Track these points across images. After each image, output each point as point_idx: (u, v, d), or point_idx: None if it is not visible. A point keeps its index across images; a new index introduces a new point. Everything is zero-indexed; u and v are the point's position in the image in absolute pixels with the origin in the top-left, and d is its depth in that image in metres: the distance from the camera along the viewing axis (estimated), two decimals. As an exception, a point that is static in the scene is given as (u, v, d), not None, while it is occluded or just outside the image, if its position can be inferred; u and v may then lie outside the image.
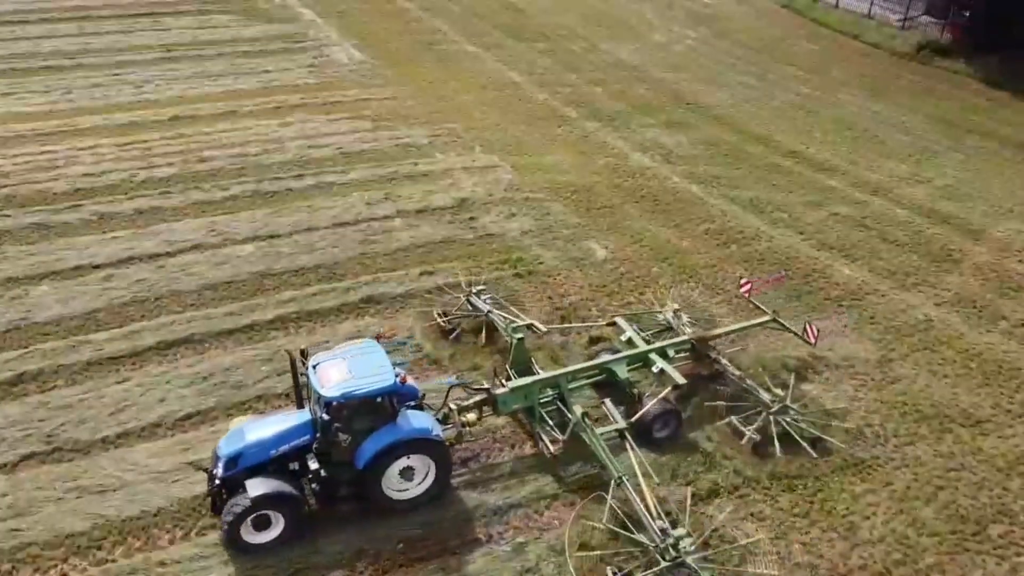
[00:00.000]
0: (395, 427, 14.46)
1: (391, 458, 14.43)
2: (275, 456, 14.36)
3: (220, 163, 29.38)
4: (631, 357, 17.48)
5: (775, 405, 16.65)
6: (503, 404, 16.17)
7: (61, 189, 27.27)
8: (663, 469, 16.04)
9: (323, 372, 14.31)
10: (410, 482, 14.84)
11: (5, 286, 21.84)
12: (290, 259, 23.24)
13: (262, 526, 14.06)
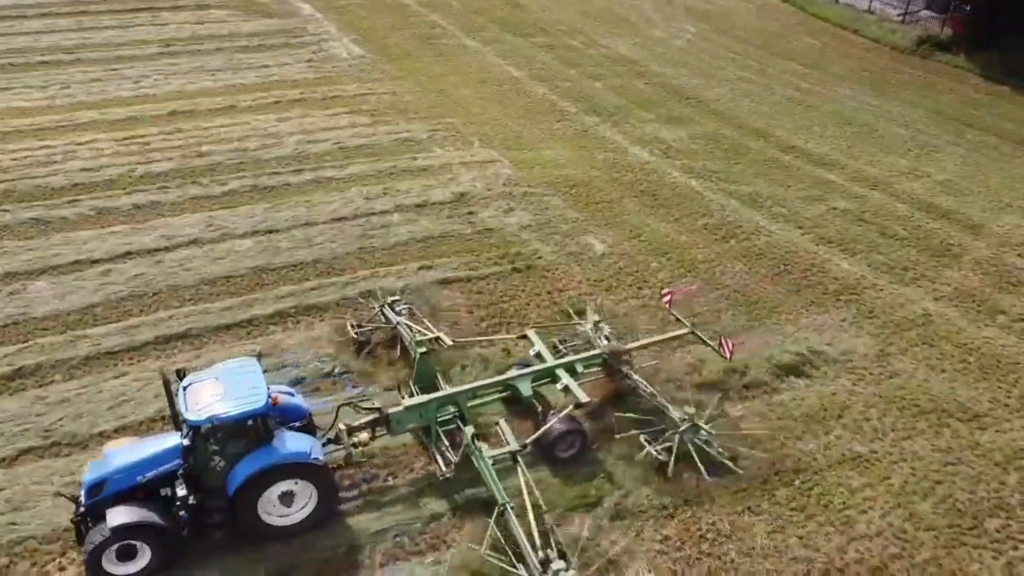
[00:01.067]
0: (269, 450, 13.65)
1: (265, 483, 13.66)
2: (143, 482, 13.52)
3: (218, 158, 29.34)
4: (537, 373, 16.50)
5: (684, 424, 15.82)
6: (397, 423, 15.33)
7: (59, 184, 27.24)
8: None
9: (193, 393, 13.60)
10: (290, 507, 14.05)
11: (3, 281, 21.83)
12: (288, 254, 23.23)
13: (127, 556, 13.19)
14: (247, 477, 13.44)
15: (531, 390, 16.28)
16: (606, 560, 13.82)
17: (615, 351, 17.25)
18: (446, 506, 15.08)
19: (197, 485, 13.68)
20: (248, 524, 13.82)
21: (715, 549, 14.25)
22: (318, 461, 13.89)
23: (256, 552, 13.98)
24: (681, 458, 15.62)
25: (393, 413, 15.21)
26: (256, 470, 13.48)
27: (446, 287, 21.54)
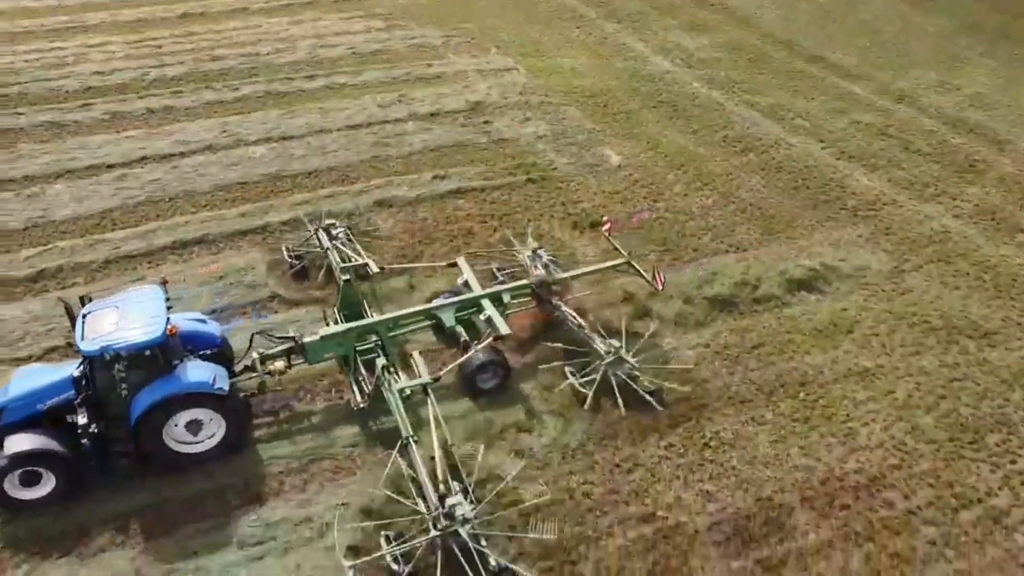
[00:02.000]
0: (170, 380, 13.42)
1: (167, 413, 13.47)
2: (46, 410, 13.38)
3: (231, 63, 28.94)
4: (460, 303, 16.05)
5: (609, 356, 15.44)
6: (313, 353, 14.99)
7: (72, 87, 27.07)
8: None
9: (92, 322, 13.44)
10: (197, 436, 13.89)
11: (22, 184, 22.00)
12: (303, 161, 23.14)
13: (31, 482, 13.09)
14: (148, 407, 13.28)
15: (454, 320, 15.81)
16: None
17: (543, 282, 16.58)
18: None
19: (101, 414, 13.47)
20: (155, 453, 13.68)
21: (718, 456, 14.62)
22: (221, 391, 13.61)
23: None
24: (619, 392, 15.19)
25: (308, 343, 14.85)
26: (156, 400, 13.30)
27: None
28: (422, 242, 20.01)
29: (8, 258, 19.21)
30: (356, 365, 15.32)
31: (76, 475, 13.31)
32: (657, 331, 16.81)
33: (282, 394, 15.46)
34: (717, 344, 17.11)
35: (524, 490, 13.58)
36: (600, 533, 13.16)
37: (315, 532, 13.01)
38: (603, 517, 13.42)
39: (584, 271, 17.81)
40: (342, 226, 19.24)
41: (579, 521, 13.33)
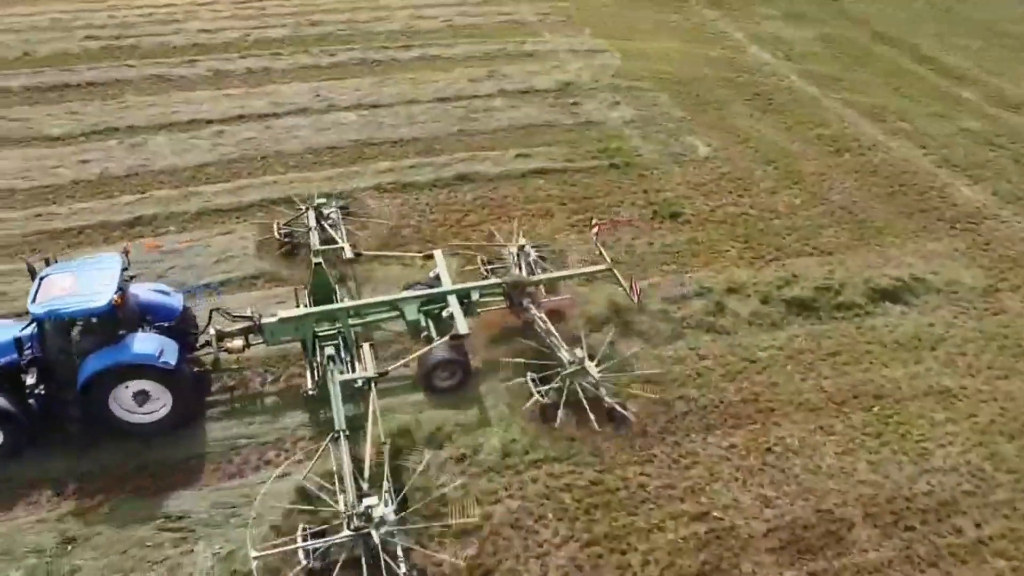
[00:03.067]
0: (117, 349, 13.37)
1: (112, 382, 13.39)
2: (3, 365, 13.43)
3: (329, 28, 29.54)
4: (426, 296, 15.50)
5: (572, 367, 14.58)
6: (271, 335, 14.67)
7: (180, 43, 28.14)
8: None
9: (47, 285, 13.51)
10: (144, 407, 13.82)
11: (127, 133, 23.07)
12: (391, 130, 23.50)
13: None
14: (92, 374, 13.26)
15: (416, 313, 15.23)
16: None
17: (515, 282, 15.84)
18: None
19: (50, 376, 13.55)
20: (101, 420, 13.67)
21: (781, 462, 14.29)
22: (166, 364, 13.46)
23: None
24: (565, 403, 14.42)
25: (266, 324, 14.58)
26: (100, 368, 13.25)
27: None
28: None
29: (109, 203, 20.20)
30: (314, 350, 14.90)
31: (23, 434, 13.43)
32: (615, 339, 15.73)
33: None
34: (791, 348, 16.67)
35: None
36: (652, 526, 13.06)
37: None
38: (657, 510, 13.30)
39: (561, 275, 17.03)
40: (335, 207, 18.90)
41: (632, 511, 13.27)
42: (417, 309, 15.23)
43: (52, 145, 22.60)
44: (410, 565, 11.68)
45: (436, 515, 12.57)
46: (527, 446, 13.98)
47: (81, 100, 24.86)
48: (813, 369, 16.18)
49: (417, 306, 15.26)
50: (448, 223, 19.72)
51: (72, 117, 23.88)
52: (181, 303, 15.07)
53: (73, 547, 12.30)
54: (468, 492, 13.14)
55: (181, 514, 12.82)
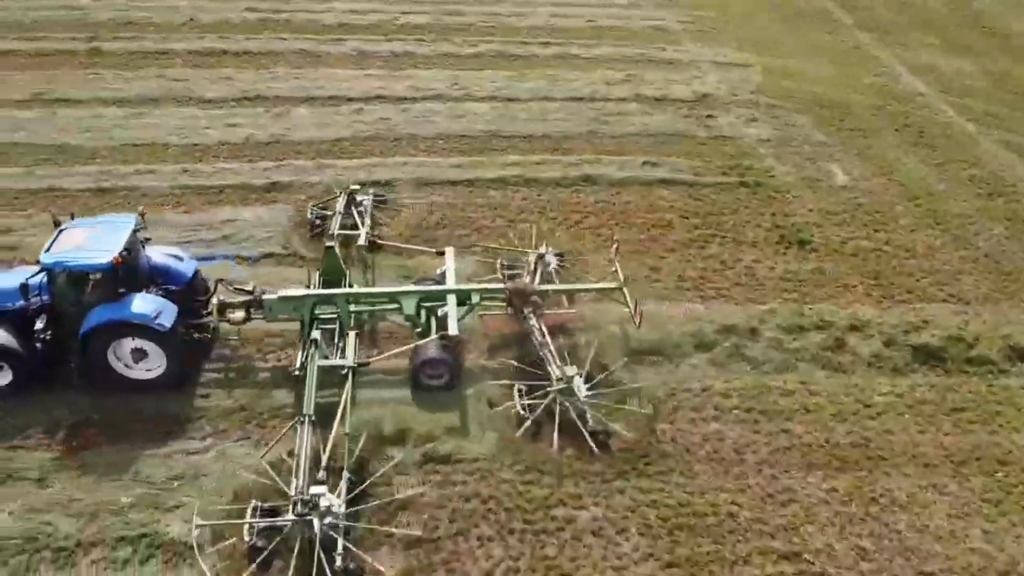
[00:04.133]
0: (117, 306, 14.01)
1: (110, 336, 14.04)
2: (14, 309, 14.18)
3: (472, 19, 30.04)
4: (426, 293, 15.52)
5: (560, 384, 14.13)
6: (270, 311, 15.06)
7: (330, 21, 29.33)
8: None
9: (63, 237, 14.34)
10: (140, 364, 14.41)
11: (273, 103, 24.25)
12: (522, 124, 23.66)
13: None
14: (91, 327, 13.93)
15: (414, 308, 15.17)
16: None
17: (519, 290, 15.54)
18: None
19: (58, 324, 14.35)
20: (100, 371, 14.29)
21: (884, 515, 13.53)
22: (161, 326, 13.94)
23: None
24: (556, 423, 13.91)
25: (266, 300, 14.98)
26: (99, 322, 13.92)
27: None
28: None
29: (250, 166, 21.28)
30: (310, 331, 15.03)
31: (30, 374, 14.26)
32: (620, 367, 14.97)
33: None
34: (912, 397, 15.70)
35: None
36: (737, 557, 12.63)
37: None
38: (744, 543, 12.84)
39: (566, 288, 16.51)
40: (368, 195, 19.17)
41: (718, 539, 12.87)
42: (416, 304, 15.20)
43: (205, 107, 24.03)
44: (346, 562, 11.50)
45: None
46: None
47: (236, 67, 26.31)
48: (933, 423, 15.21)
49: (416, 301, 15.23)
50: (568, 223, 19.68)
51: (226, 83, 25.30)
52: (192, 269, 15.60)
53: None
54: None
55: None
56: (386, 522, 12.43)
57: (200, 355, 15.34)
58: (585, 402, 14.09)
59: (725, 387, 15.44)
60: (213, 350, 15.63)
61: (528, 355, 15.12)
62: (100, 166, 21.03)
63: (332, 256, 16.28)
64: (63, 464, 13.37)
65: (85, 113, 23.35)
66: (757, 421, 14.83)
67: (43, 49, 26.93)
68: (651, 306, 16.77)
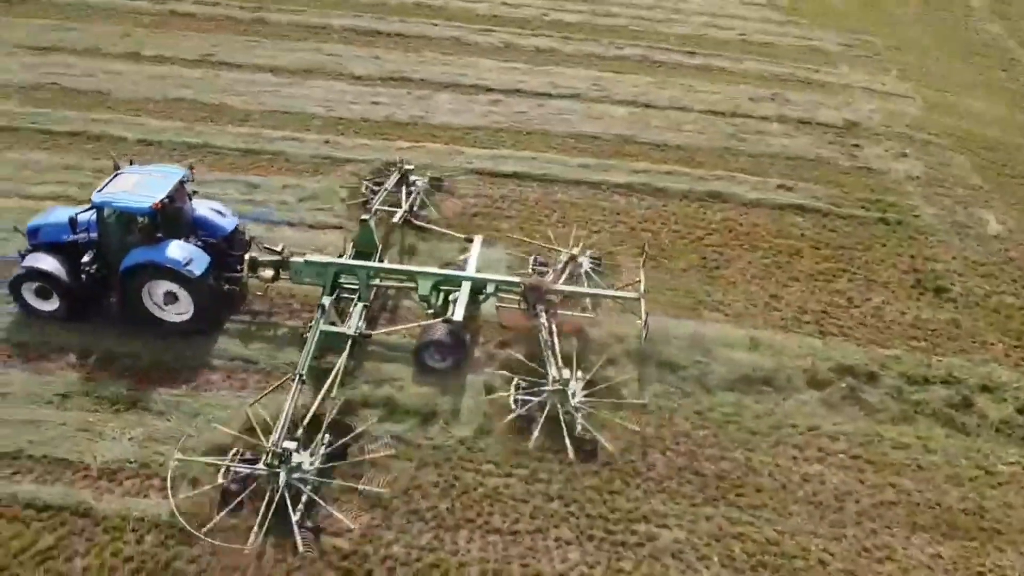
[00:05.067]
0: (154, 249, 14.91)
1: (144, 277, 15.02)
2: (68, 242, 15.28)
3: (622, 21, 29.83)
4: (443, 276, 15.74)
5: (555, 385, 13.92)
6: (295, 273, 15.80)
7: (482, 12, 29.85)
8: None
9: (117, 180, 15.27)
10: (170, 307, 15.39)
11: (417, 85, 24.96)
12: (657, 132, 23.32)
13: (43, 296, 15.46)
14: (129, 266, 14.99)
15: (429, 289, 15.40)
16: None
17: (534, 286, 15.36)
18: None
19: (103, 259, 15.45)
20: (135, 307, 15.40)
21: (995, 593, 12.58)
22: (190, 273, 14.86)
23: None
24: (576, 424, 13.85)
25: (293, 262, 15.71)
26: (135, 262, 14.95)
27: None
28: None
29: (386, 144, 21.98)
30: (331, 299, 15.55)
31: (76, 303, 15.49)
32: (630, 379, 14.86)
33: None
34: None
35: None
36: (823, 610, 12.09)
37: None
38: (833, 595, 12.28)
39: (582, 291, 16.08)
40: (422, 178, 19.52)
41: (804, 586, 12.35)
42: (432, 286, 15.48)
43: (353, 83, 25.00)
44: (305, 516, 12.08)
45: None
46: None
47: (386, 48, 27.23)
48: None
49: (432, 283, 15.50)
50: (689, 238, 19.28)
51: (375, 62, 26.24)
52: (233, 225, 16.37)
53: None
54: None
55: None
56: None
57: (226, 305, 16.18)
58: (575, 407, 13.94)
59: (834, 429, 14.74)
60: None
61: (532, 349, 15.08)
62: (251, 128, 22.29)
63: (366, 229, 16.84)
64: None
65: (244, 77, 24.81)
66: (863, 470, 14.07)
67: (214, 15, 28.77)
68: (767, 334, 16.27)
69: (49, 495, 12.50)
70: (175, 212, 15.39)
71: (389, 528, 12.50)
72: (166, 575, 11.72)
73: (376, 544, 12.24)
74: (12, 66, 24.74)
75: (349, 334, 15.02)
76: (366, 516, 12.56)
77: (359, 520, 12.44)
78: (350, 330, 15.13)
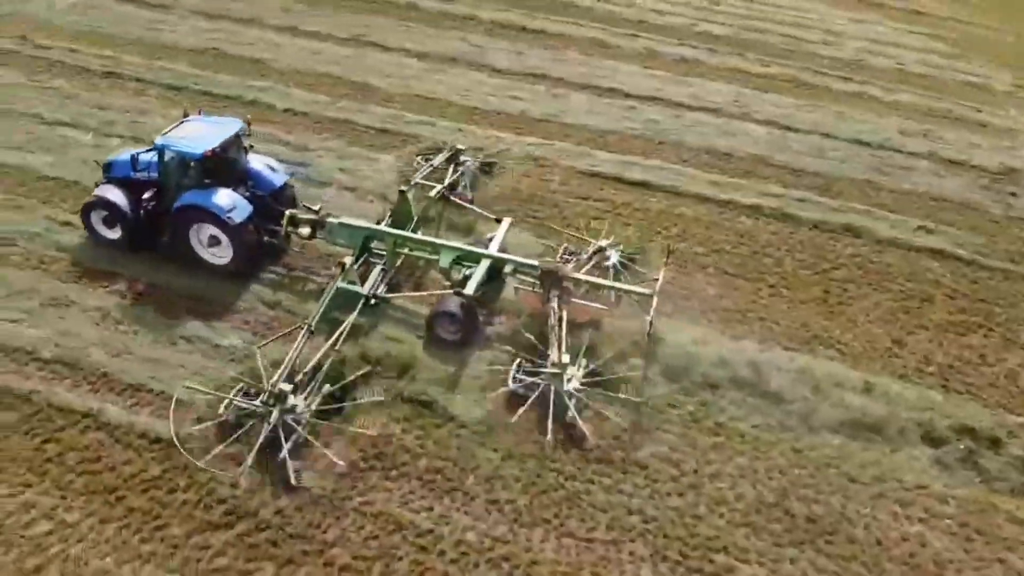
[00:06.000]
0: (202, 194, 16.02)
1: (190, 219, 16.15)
2: (135, 178, 16.62)
3: (773, 39, 28.95)
4: (465, 252, 16.16)
5: (552, 368, 14.08)
6: (329, 233, 16.58)
7: (629, 16, 29.71)
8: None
9: (181, 126, 16.58)
10: (213, 249, 16.51)
11: (554, 83, 25.14)
12: (794, 156, 22.47)
13: (109, 225, 16.88)
14: (179, 206, 16.19)
15: (449, 263, 15.92)
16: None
17: (550, 271, 15.51)
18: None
19: (161, 197, 16.74)
20: (182, 246, 16.55)
21: None
22: (231, 220, 15.86)
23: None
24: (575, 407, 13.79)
25: (328, 222, 16.45)
26: (184, 203, 16.13)
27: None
28: None
29: (516, 139, 22.19)
30: (359, 259, 16.39)
31: (136, 235, 16.84)
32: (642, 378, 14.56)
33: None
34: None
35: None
36: None
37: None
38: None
39: (595, 280, 15.81)
40: (471, 159, 19.93)
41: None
42: (452, 260, 15.97)
43: (493, 75, 25.44)
44: (294, 450, 12.78)
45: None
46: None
47: (529, 44, 27.54)
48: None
49: (452, 256, 16.00)
50: (814, 269, 18.45)
51: (517, 56, 26.59)
52: (282, 181, 17.35)
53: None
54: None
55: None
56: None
57: (263, 254, 17.08)
58: (568, 393, 14.01)
59: (944, 491, 13.76)
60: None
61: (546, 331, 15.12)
62: (390, 110, 23.08)
63: (404, 200, 17.40)
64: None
65: (390, 60, 25.72)
66: (971, 539, 13.08)
67: (370, -3, 30.03)
68: (884, 380, 15.41)
69: (161, 429, 13.41)
70: (227, 161, 16.54)
71: (467, 513, 12.70)
72: (254, 521, 12.36)
73: (452, 527, 12.46)
74: (184, 29, 26.67)
75: (363, 294, 15.72)
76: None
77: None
78: (364, 290, 15.81)
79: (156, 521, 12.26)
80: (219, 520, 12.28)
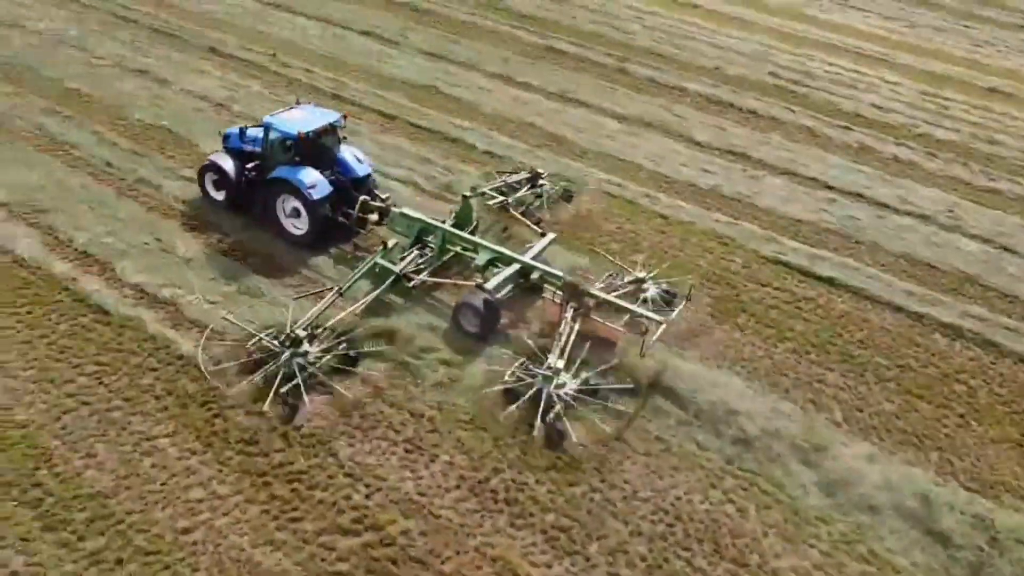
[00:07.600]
0: (292, 170, 18.10)
1: (277, 190, 18.25)
2: (239, 150, 19.20)
3: (1006, 152, 26.68)
4: (502, 255, 17.40)
5: (545, 370, 14.95)
6: (391, 221, 18.46)
7: (846, 108, 28.55)
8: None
9: (291, 111, 18.86)
10: (293, 221, 18.54)
11: (752, 164, 24.46)
12: (1010, 280, 20.23)
13: (219, 187, 19.42)
14: (271, 177, 18.36)
15: (483, 262, 17.32)
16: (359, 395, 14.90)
17: (573, 284, 16.47)
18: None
19: (261, 169, 18.90)
20: (269, 214, 18.71)
21: None
22: (310, 196, 17.77)
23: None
24: None
25: (392, 212, 18.42)
26: (274, 176, 18.29)
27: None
28: None
29: (705, 214, 21.70)
30: (413, 247, 18.06)
31: (236, 199, 19.18)
32: None
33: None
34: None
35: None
36: None
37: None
38: None
39: (611, 299, 16.41)
40: (550, 183, 21.05)
41: None
42: (488, 260, 17.33)
43: (690, 146, 25.17)
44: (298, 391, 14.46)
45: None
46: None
47: (734, 122, 27.03)
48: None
49: (489, 257, 17.37)
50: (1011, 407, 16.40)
51: (719, 131, 26.17)
52: (366, 172, 19.13)
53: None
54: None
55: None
56: None
57: (341, 234, 18.90)
58: (556, 396, 14.67)
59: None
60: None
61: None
62: (580, 163, 23.42)
63: (466, 205, 18.78)
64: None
65: (591, 117, 26.17)
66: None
67: (584, 56, 30.85)
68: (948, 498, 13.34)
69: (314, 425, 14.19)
70: (320, 146, 18.47)
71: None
72: (379, 535, 12.56)
73: None
74: (408, 65, 28.67)
75: (395, 271, 17.18)
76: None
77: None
78: (397, 268, 17.24)
79: (293, 512, 12.87)
80: (348, 526, 12.68)
